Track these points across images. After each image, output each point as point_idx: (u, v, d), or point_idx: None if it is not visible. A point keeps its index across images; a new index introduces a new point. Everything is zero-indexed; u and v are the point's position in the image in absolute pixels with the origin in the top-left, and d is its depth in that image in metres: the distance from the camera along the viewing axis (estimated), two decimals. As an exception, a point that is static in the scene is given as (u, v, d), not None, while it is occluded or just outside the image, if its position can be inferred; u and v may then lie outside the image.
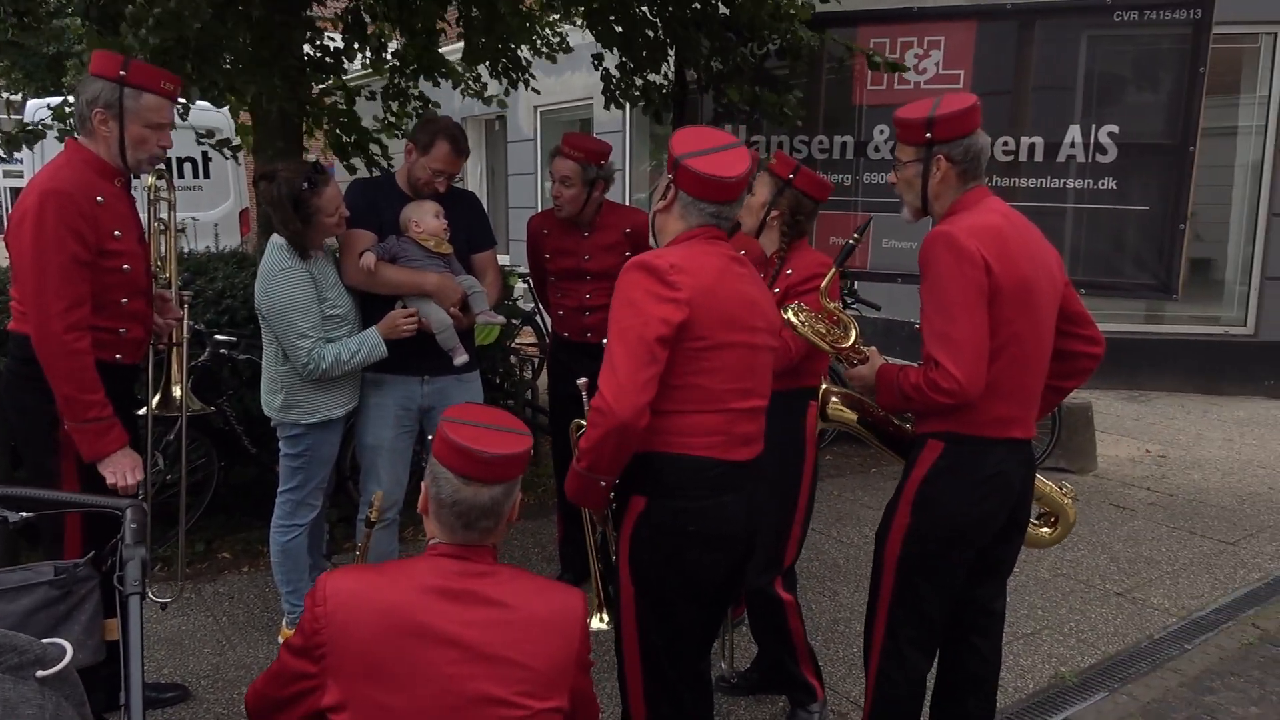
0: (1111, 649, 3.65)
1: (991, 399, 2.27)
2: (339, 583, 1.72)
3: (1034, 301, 2.28)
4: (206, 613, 3.79)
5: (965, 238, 2.22)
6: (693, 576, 2.20)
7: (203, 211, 9.05)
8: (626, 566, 2.23)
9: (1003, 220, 2.30)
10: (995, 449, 2.32)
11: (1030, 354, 2.31)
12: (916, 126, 2.35)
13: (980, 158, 2.35)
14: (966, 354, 2.20)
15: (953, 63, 5.81)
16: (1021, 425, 2.36)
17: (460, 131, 3.38)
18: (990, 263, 2.20)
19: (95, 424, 2.58)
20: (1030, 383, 2.35)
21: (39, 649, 1.12)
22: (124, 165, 2.70)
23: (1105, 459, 6.08)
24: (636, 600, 2.23)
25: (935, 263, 2.26)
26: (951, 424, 2.32)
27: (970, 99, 2.35)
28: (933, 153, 2.34)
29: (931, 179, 2.36)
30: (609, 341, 2.12)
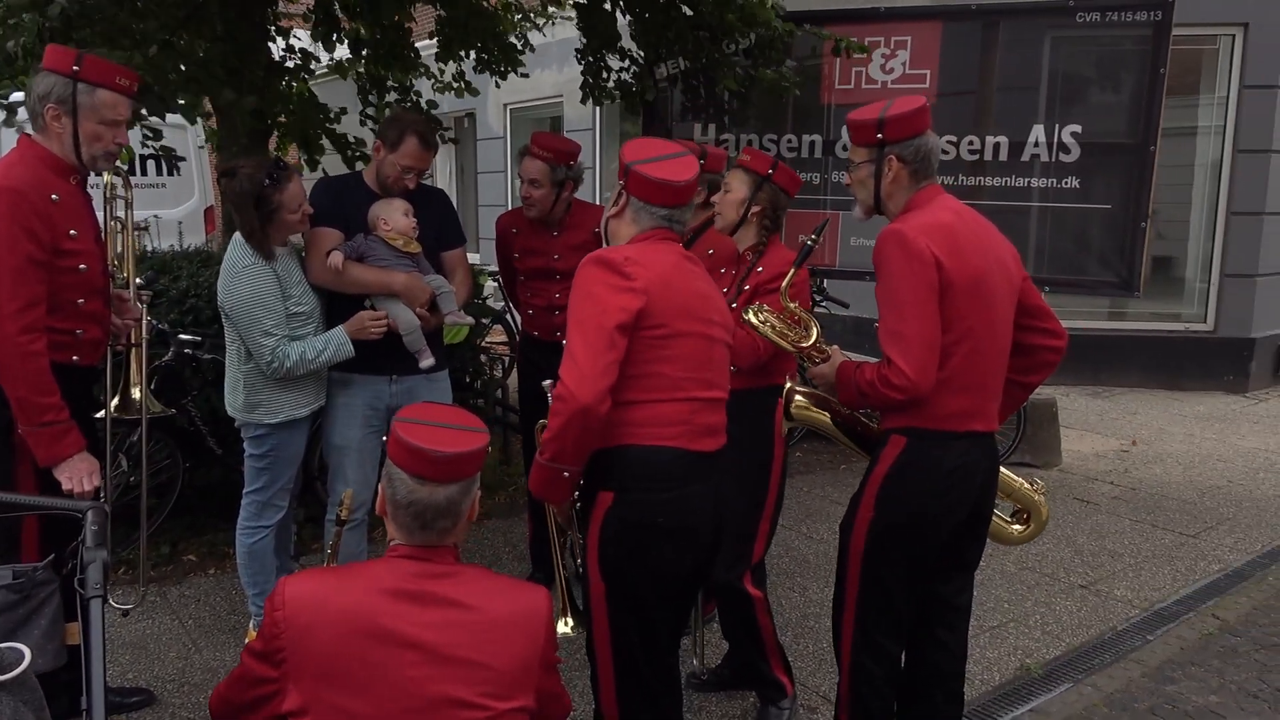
0: (1076, 640, 3.70)
1: (950, 393, 2.31)
2: (298, 586, 1.71)
3: (987, 296, 2.32)
4: (172, 616, 3.74)
5: (915, 235, 2.26)
6: (662, 569, 2.23)
7: (166, 209, 8.91)
8: (596, 563, 2.23)
9: (954, 217, 2.35)
10: (957, 443, 2.36)
11: (986, 348, 2.34)
12: (868, 127, 2.40)
13: (931, 157, 2.39)
14: (916, 350, 2.25)
15: (919, 63, 5.86)
16: (982, 418, 2.39)
17: (428, 126, 3.36)
18: (941, 259, 2.25)
19: (51, 427, 2.52)
20: (988, 376, 2.38)
21: (-4, 654, 1.10)
22: (79, 162, 2.65)
23: (1070, 454, 6.17)
24: (607, 596, 2.24)
25: (887, 261, 2.31)
26: (912, 419, 2.36)
27: (920, 100, 2.41)
28: (884, 153, 2.38)
29: (884, 179, 2.41)
30: (568, 333, 2.16)
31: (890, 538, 2.39)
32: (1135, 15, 5.46)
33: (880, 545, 2.40)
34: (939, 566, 2.47)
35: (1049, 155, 5.60)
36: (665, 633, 2.34)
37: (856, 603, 2.47)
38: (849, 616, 2.49)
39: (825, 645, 3.62)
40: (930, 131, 2.40)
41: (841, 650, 2.55)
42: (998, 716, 3.18)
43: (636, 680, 2.30)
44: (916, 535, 2.39)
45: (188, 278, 4.54)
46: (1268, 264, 7.97)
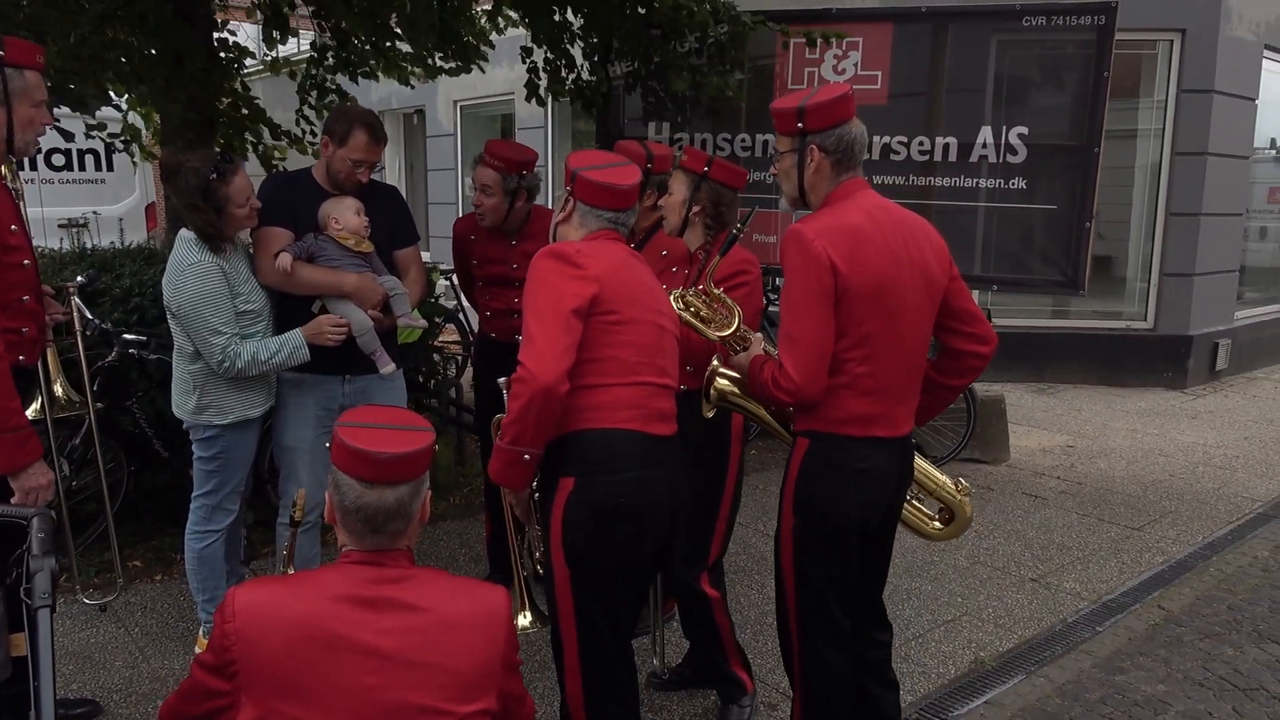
0: (1028, 633, 3.77)
1: (850, 398, 2.29)
2: (249, 596, 1.66)
3: (892, 301, 2.27)
4: (117, 624, 3.63)
5: (814, 238, 2.22)
6: (625, 551, 2.26)
7: (105, 206, 8.67)
8: (560, 549, 2.24)
9: (864, 218, 2.28)
10: (858, 446, 2.33)
11: (889, 353, 2.30)
12: (789, 116, 2.33)
13: (854, 148, 2.32)
14: (805, 355, 2.24)
15: (871, 63, 5.93)
16: (886, 423, 2.35)
17: (376, 119, 3.30)
18: (837, 263, 2.20)
19: (15, 434, 2.43)
20: (894, 381, 2.34)
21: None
22: (7, 151, 2.54)
23: (1017, 449, 6.29)
24: (572, 583, 2.25)
25: (787, 263, 2.29)
26: (813, 422, 2.35)
27: (843, 88, 2.34)
28: (806, 143, 2.32)
29: (806, 169, 2.34)
30: (525, 320, 2.21)
31: (813, 541, 2.38)
32: (1080, 19, 5.59)
33: (806, 549, 2.39)
34: (863, 567, 2.47)
35: (996, 156, 5.70)
36: (627, 618, 2.37)
37: (797, 612, 2.46)
38: (793, 624, 2.48)
39: (784, 642, 3.64)
40: (855, 120, 2.32)
41: (791, 660, 2.54)
42: (953, 710, 3.22)
43: (603, 667, 2.31)
44: (835, 536, 2.37)
45: (130, 276, 4.41)
46: (1204, 263, 8.21)
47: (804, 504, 2.37)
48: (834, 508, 2.35)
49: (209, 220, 2.95)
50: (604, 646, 2.30)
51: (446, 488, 5.22)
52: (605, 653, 2.30)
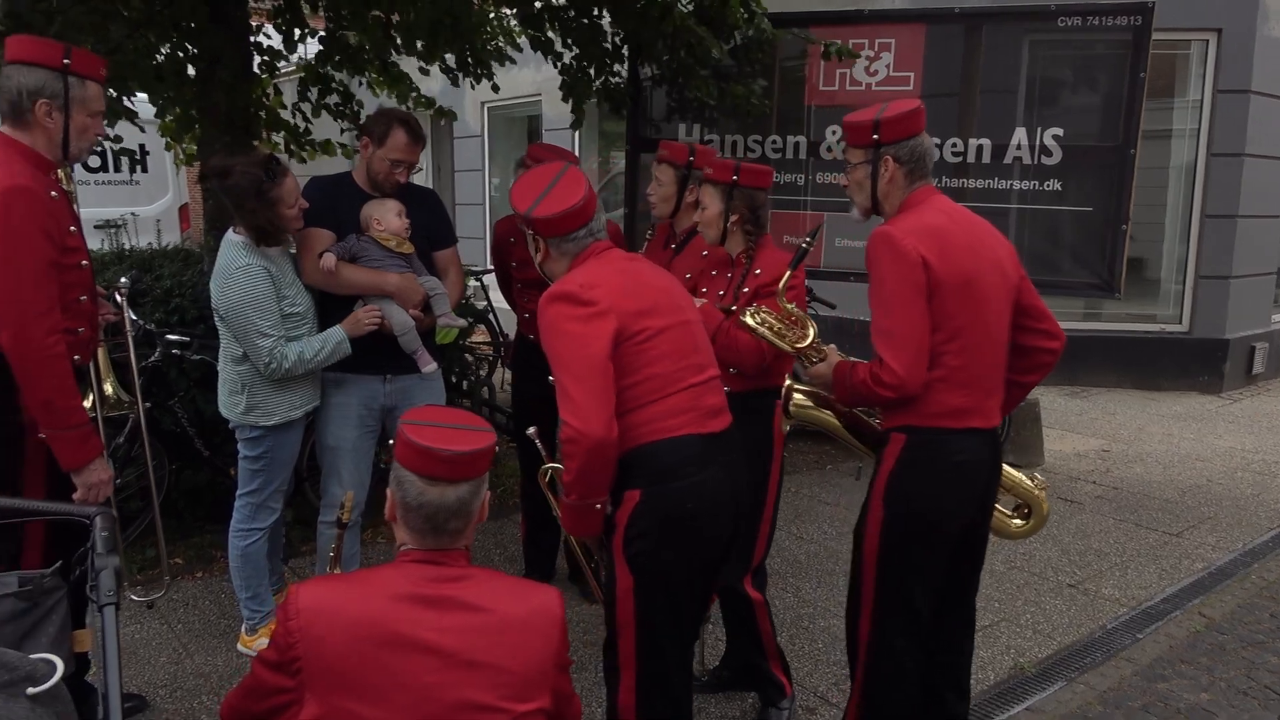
0: (1067, 639, 3.74)
1: (946, 391, 2.35)
2: (311, 594, 1.68)
3: (979, 294, 2.35)
4: (161, 620, 3.67)
5: (902, 237, 2.31)
6: (693, 553, 2.27)
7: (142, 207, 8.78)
8: (622, 559, 2.25)
9: (945, 219, 2.39)
10: (956, 439, 2.39)
11: (980, 345, 2.37)
12: (864, 129, 2.44)
13: (925, 158, 2.45)
14: (905, 349, 2.29)
15: (903, 65, 5.90)
16: (981, 415, 2.42)
17: (415, 120, 3.34)
18: (928, 259, 2.29)
19: (77, 430, 2.49)
20: (984, 373, 2.41)
21: (29, 665, 1.07)
22: (63, 157, 2.60)
23: (1051, 454, 6.23)
24: (636, 591, 2.25)
25: (876, 262, 2.36)
26: (910, 417, 2.39)
27: (915, 103, 2.46)
28: (880, 154, 2.43)
29: (880, 179, 2.45)
30: (555, 375, 2.20)
31: (903, 537, 2.40)
32: (1115, 20, 5.53)
33: (894, 546, 2.41)
34: (951, 564, 2.49)
35: (1031, 158, 5.66)
36: (692, 621, 2.39)
37: (873, 608, 2.47)
38: (865, 621, 2.49)
39: (821, 645, 3.63)
40: (925, 134, 2.46)
41: (857, 657, 2.54)
42: (994, 716, 3.20)
43: (661, 676, 2.31)
44: (928, 532, 2.40)
45: (170, 277, 4.47)
46: (1241, 266, 8.10)
47: (897, 498, 2.39)
48: (930, 501, 2.38)
49: (266, 218, 2.98)
50: (663, 653, 2.30)
51: (482, 486, 5.23)
52: (664, 660, 2.30)
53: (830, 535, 4.77)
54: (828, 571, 4.32)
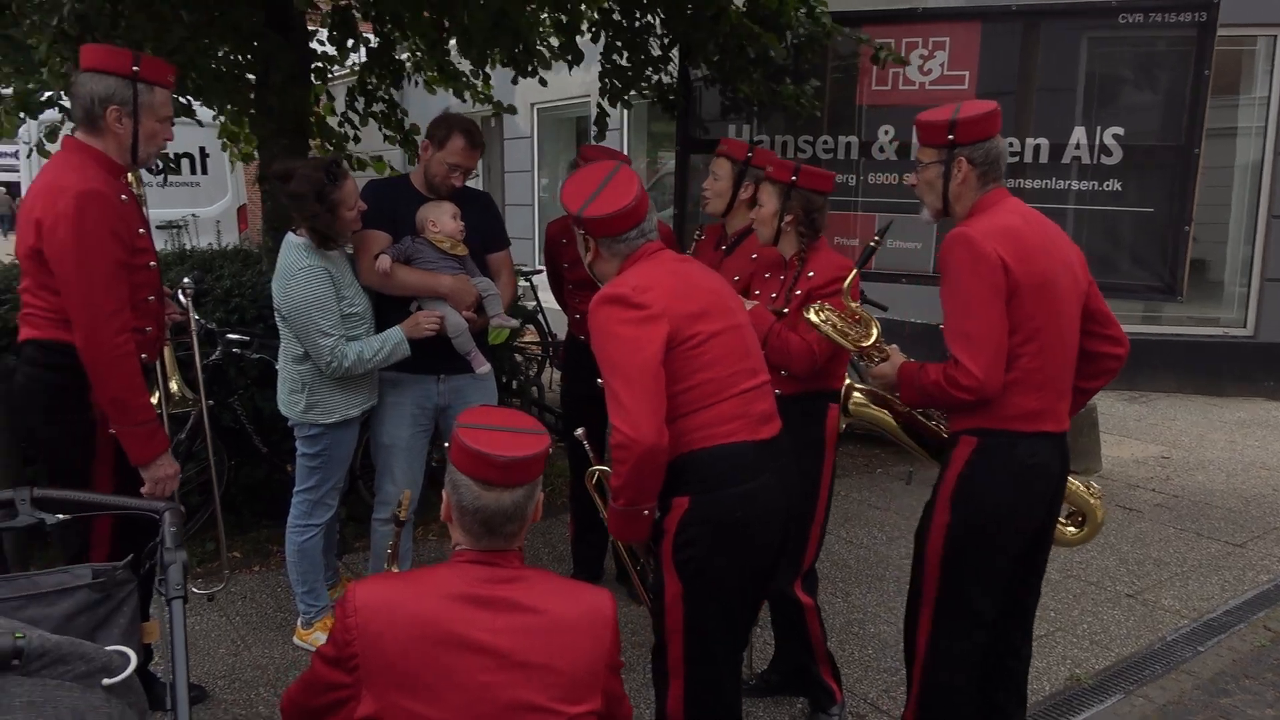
0: (1125, 651, 3.66)
1: (1020, 393, 2.32)
2: (369, 592, 1.71)
3: (1055, 296, 2.33)
4: (220, 613, 3.76)
5: (981, 238, 2.29)
6: (742, 561, 2.24)
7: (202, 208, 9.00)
8: (671, 565, 2.23)
9: (1020, 220, 2.36)
10: (1028, 442, 2.36)
11: (1055, 347, 2.35)
12: (939, 129, 2.42)
13: (1000, 161, 2.43)
14: (984, 351, 2.27)
15: (958, 64, 5.82)
16: (1053, 418, 2.39)
17: (476, 127, 3.38)
18: (1007, 261, 2.26)
19: (145, 426, 2.58)
20: (1058, 375, 2.39)
21: (104, 657, 1.10)
22: (132, 162, 2.68)
23: (1109, 460, 6.10)
24: (685, 597, 2.24)
25: (953, 264, 2.33)
26: (982, 419, 2.36)
27: (992, 105, 2.44)
28: (954, 155, 2.41)
29: (953, 180, 2.43)
30: (605, 379, 2.18)
31: (968, 540, 2.38)
32: (1179, 16, 5.40)
33: (959, 549, 2.39)
34: (1014, 570, 2.45)
35: (1090, 157, 5.54)
36: (742, 628, 2.37)
37: (934, 613, 2.44)
38: (925, 625, 2.47)
39: (871, 651, 3.60)
40: (999, 136, 2.43)
41: (915, 660, 2.52)
42: (1049, 726, 3.15)
43: (710, 682, 2.30)
44: (995, 537, 2.38)
45: (230, 277, 4.57)
46: (1309, 267, 7.86)
47: (966, 501, 2.37)
48: (999, 505, 2.35)
49: (326, 221, 3.04)
50: (712, 660, 2.28)
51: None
52: (713, 667, 2.29)
53: (880, 540, 4.73)
54: (877, 577, 4.27)
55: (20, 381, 2.67)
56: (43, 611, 1.65)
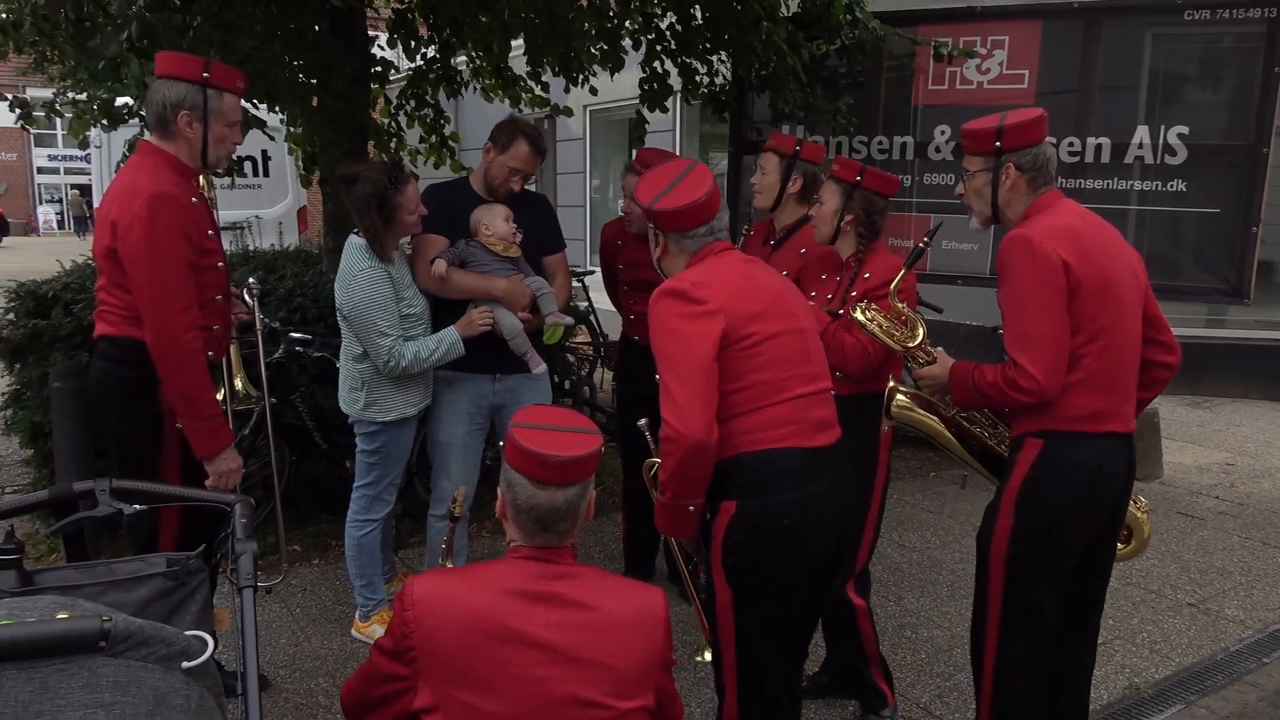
0: (1186, 660, 3.58)
1: (1086, 394, 2.30)
2: (426, 587, 1.74)
3: (1118, 296, 2.31)
4: (281, 605, 3.86)
5: (1041, 239, 2.27)
6: (790, 570, 2.22)
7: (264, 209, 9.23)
8: (721, 571, 2.23)
9: (1078, 220, 2.35)
10: (1095, 443, 2.33)
11: (1120, 347, 2.33)
12: (986, 136, 2.42)
13: (1048, 165, 2.42)
14: (1045, 353, 2.25)
15: (1017, 62, 5.74)
16: (1119, 418, 2.36)
17: (539, 133, 3.42)
18: (1068, 261, 2.25)
19: (211, 421, 2.67)
20: (1123, 375, 2.36)
21: (184, 641, 1.16)
22: (202, 165, 2.76)
23: (1171, 466, 5.96)
24: (735, 603, 2.23)
25: (1013, 266, 2.31)
26: (1047, 421, 2.34)
27: (1038, 111, 2.43)
28: (1002, 161, 2.40)
29: (1001, 187, 2.42)
30: (659, 370, 2.18)
31: (1034, 544, 2.35)
32: (1247, 12, 5.26)
33: (1024, 552, 2.36)
34: (1079, 574, 2.42)
35: (1153, 157, 5.43)
36: (795, 639, 2.33)
37: (1001, 618, 2.41)
38: (992, 633, 2.43)
39: (924, 656, 3.57)
40: (1047, 141, 2.42)
41: (983, 667, 2.48)
42: (1106, 736, 3.10)
43: (763, 693, 2.28)
44: (1060, 539, 2.35)
45: (292, 277, 4.68)
46: (1385, 271, 7.59)
47: (1029, 503, 2.34)
48: (1065, 508, 2.33)
49: (375, 229, 3.11)
50: (763, 671, 2.26)
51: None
52: (765, 678, 2.27)
53: (933, 544, 4.68)
54: (930, 581, 4.24)
55: (94, 376, 2.78)
56: (121, 597, 1.72)
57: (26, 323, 4.09)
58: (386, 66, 5.92)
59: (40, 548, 4.18)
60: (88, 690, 1.06)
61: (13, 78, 25.43)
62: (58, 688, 1.06)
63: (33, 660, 1.07)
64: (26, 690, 1.05)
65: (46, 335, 4.05)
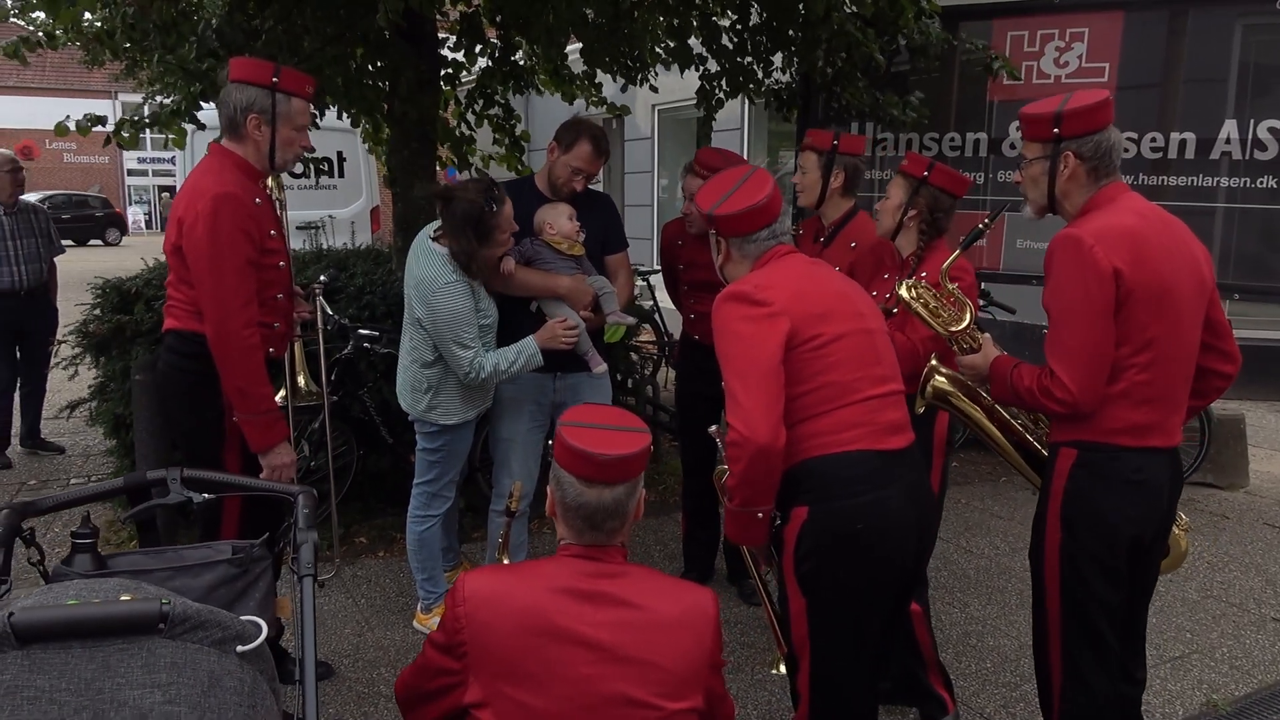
0: (1269, 678, 3.42)
1: (1128, 406, 2.18)
2: (477, 582, 1.76)
3: (1174, 304, 2.17)
4: (346, 595, 3.95)
5: (1093, 243, 2.13)
6: (866, 577, 2.16)
7: (338, 209, 9.45)
8: (793, 579, 2.18)
9: (1138, 220, 2.18)
10: (1132, 457, 2.21)
11: (1170, 359, 2.19)
12: (1043, 122, 2.26)
13: (1112, 154, 2.25)
14: (1082, 366, 2.14)
15: (1097, 55, 5.58)
16: (1162, 433, 2.23)
17: (603, 133, 3.44)
18: (1120, 269, 2.11)
19: (265, 416, 2.73)
20: (1172, 389, 2.23)
21: (239, 625, 1.19)
22: (270, 167, 2.84)
23: (1258, 475, 5.71)
24: (809, 612, 2.18)
25: (1059, 268, 2.19)
26: (1083, 432, 2.23)
27: (1102, 94, 2.26)
28: (1060, 149, 2.26)
29: (1059, 176, 2.27)
30: (724, 375, 2.15)
31: (1084, 558, 2.25)
32: (1347, -1, 5.02)
33: (1077, 568, 2.26)
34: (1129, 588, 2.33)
35: (1242, 152, 5.21)
36: (871, 647, 2.25)
37: (1062, 638, 2.31)
38: (1055, 651, 2.33)
39: (989, 665, 3.49)
40: (1112, 127, 2.25)
41: (1051, 690, 2.38)
42: (1181, 753, 2.98)
43: (840, 703, 2.23)
44: (1108, 553, 2.24)
45: (362, 275, 4.79)
46: None
47: (1074, 516, 2.24)
48: (1107, 523, 2.22)
49: (469, 252, 3.10)
50: (840, 678, 2.21)
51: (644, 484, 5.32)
52: (840, 685, 2.22)
53: (1002, 550, 4.56)
54: (998, 588, 4.13)
55: (161, 369, 2.89)
56: (188, 583, 1.79)
57: (110, 318, 4.26)
58: (458, 68, 6.01)
59: (121, 534, 4.35)
60: (146, 670, 1.10)
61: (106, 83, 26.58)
62: (118, 666, 1.10)
63: (97, 640, 1.11)
64: (90, 668, 1.09)
65: (129, 330, 4.22)
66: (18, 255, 5.42)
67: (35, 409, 5.74)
